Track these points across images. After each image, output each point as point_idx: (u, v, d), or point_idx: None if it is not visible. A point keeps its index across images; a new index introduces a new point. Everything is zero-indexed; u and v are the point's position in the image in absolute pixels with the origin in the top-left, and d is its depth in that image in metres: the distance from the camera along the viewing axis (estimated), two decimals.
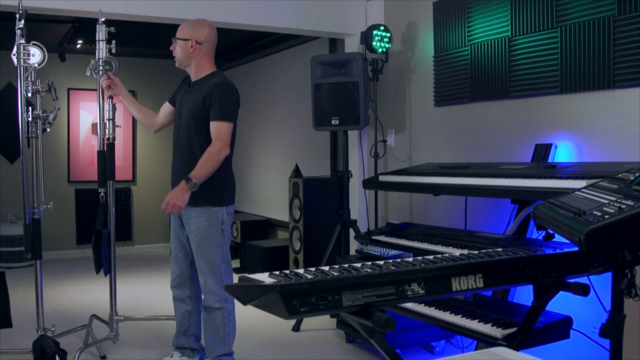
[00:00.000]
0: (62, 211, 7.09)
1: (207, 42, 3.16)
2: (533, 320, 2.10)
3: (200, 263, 3.13)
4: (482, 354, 1.33)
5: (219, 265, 3.11)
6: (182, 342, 3.36)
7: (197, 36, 3.13)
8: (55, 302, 5.00)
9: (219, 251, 3.11)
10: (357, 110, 4.18)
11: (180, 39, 3.15)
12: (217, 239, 3.10)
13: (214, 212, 3.09)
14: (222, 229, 3.12)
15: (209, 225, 3.08)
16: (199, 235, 3.09)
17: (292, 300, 1.49)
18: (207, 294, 3.13)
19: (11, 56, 3.22)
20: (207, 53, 3.19)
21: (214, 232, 3.09)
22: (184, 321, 3.33)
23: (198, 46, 3.13)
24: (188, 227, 3.14)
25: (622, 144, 2.98)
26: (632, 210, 1.63)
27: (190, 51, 3.13)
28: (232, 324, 3.19)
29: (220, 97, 3.03)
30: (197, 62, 3.16)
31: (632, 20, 2.87)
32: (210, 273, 3.11)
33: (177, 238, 3.29)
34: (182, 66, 3.21)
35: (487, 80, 3.75)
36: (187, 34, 3.14)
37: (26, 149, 3.29)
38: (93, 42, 3.50)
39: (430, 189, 3.29)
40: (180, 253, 3.29)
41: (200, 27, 3.15)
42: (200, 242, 3.10)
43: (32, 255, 3.28)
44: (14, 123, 3.46)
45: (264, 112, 6.85)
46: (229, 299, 3.14)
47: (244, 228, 6.43)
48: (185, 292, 3.31)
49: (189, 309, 3.32)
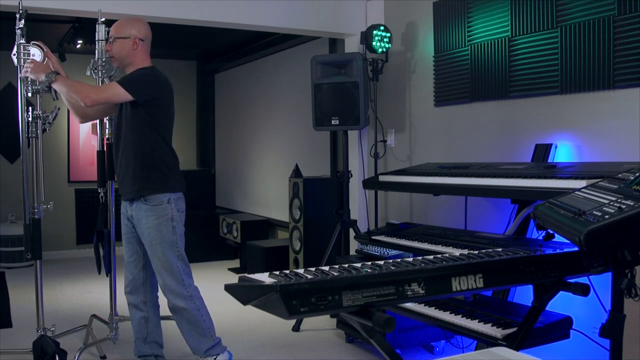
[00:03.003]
0: (62, 211, 7.09)
1: (147, 38, 3.17)
2: (533, 320, 2.11)
3: (155, 264, 3.08)
4: (482, 354, 1.33)
5: (175, 263, 3.05)
6: (144, 350, 3.27)
7: (138, 33, 3.11)
8: (55, 302, 5.00)
9: (172, 249, 3.05)
10: (357, 110, 4.18)
11: (121, 38, 3.10)
12: (168, 237, 3.05)
13: (162, 209, 3.04)
14: (173, 226, 3.06)
15: (158, 224, 3.03)
16: (150, 234, 3.04)
17: (292, 300, 1.49)
18: (169, 294, 3.07)
19: (11, 56, 3.22)
20: (147, 50, 3.19)
21: (164, 230, 3.04)
22: (141, 328, 3.25)
23: (141, 43, 3.12)
24: (139, 228, 3.10)
25: (622, 144, 2.98)
26: (632, 210, 1.63)
27: (133, 48, 3.10)
28: (206, 317, 3.13)
29: (132, 74, 3.07)
30: (137, 59, 3.13)
31: (632, 20, 2.87)
32: (168, 273, 3.05)
33: (128, 242, 3.23)
34: (122, 65, 3.17)
35: (487, 80, 3.75)
36: (127, 32, 3.10)
37: (26, 149, 3.29)
38: (93, 42, 3.50)
39: (430, 189, 3.29)
40: (132, 257, 3.23)
41: (139, 23, 3.15)
42: (152, 241, 3.05)
43: (32, 255, 3.27)
44: (14, 123, 3.46)
45: (264, 112, 6.85)
46: (194, 295, 3.09)
47: (244, 228, 6.42)
48: (139, 297, 3.23)
49: (144, 315, 3.24)
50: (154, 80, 3.10)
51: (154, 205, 3.04)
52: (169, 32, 3.25)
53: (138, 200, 3.09)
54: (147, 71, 3.12)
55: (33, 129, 3.30)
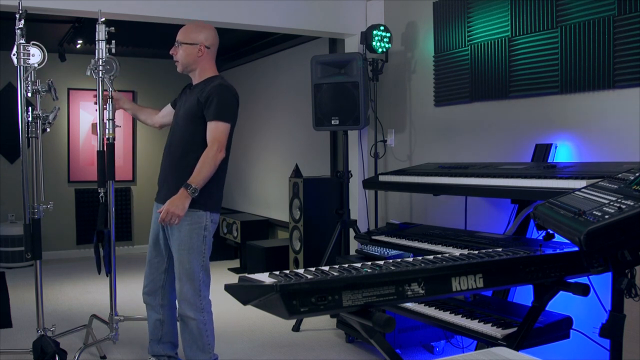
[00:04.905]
0: (62, 211, 7.09)
1: (213, 45, 3.11)
2: (533, 320, 2.11)
3: (178, 269, 3.03)
4: (482, 354, 1.33)
5: (197, 273, 3.01)
6: (158, 350, 3.26)
7: (205, 40, 3.06)
8: (55, 302, 5.00)
9: (198, 258, 3.01)
10: (357, 110, 4.18)
11: (187, 44, 3.06)
12: (198, 245, 3.00)
13: (198, 216, 2.99)
14: (204, 236, 3.01)
15: (190, 230, 2.98)
16: (180, 239, 3.00)
17: (292, 300, 1.49)
18: (183, 301, 3.01)
19: (11, 56, 3.22)
20: (212, 57, 3.14)
21: (195, 238, 2.99)
22: (156, 330, 3.24)
23: (207, 50, 3.07)
24: (170, 230, 3.05)
25: (622, 144, 2.98)
26: (632, 210, 1.63)
27: (198, 56, 3.05)
28: (210, 332, 3.07)
29: (218, 98, 2.95)
30: (202, 66, 3.09)
31: (632, 20, 2.87)
32: (188, 280, 3.00)
33: (155, 243, 3.20)
34: (186, 71, 3.12)
35: (487, 80, 3.75)
36: (194, 39, 3.05)
37: (26, 149, 3.29)
38: (93, 42, 3.49)
39: (430, 189, 3.28)
40: (156, 259, 3.20)
41: (206, 30, 3.09)
42: (180, 246, 3.00)
43: (32, 255, 3.27)
44: (14, 123, 3.46)
45: (264, 112, 6.85)
46: (205, 309, 3.04)
47: (244, 228, 6.42)
48: (157, 300, 3.21)
49: (160, 318, 3.22)
50: (237, 103, 3.06)
51: (190, 211, 2.96)
52: (169, 32, 3.24)
53: None
54: (229, 93, 3.01)
55: (33, 129, 3.30)
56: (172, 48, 3.13)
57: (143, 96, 7.56)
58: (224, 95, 2.98)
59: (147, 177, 7.71)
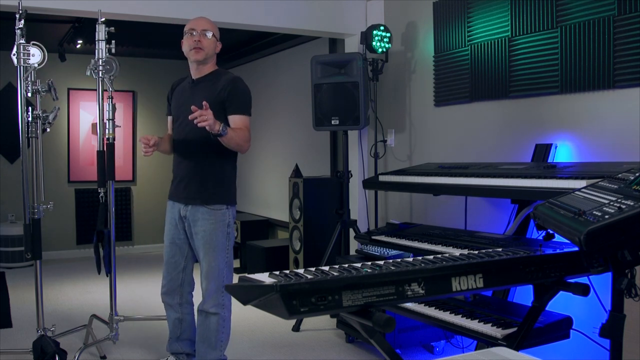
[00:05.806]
0: (62, 211, 7.09)
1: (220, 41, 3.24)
2: (533, 320, 2.10)
3: (203, 266, 3.08)
4: (482, 354, 1.33)
5: (222, 269, 3.07)
6: (176, 347, 3.31)
7: (218, 35, 3.19)
8: (55, 302, 5.00)
9: (223, 255, 3.07)
10: (357, 110, 4.18)
11: (215, 37, 3.15)
12: (222, 242, 3.07)
13: (221, 214, 3.06)
14: (228, 232, 3.09)
15: (214, 228, 3.04)
16: (205, 237, 3.05)
17: (292, 300, 1.49)
18: (207, 297, 3.07)
19: (11, 56, 3.22)
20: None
21: (219, 235, 3.05)
22: (175, 328, 3.28)
23: (219, 45, 3.19)
24: (194, 228, 3.08)
25: (622, 144, 2.98)
26: (632, 210, 1.63)
27: (216, 50, 3.17)
28: (226, 330, 3.13)
29: (241, 91, 3.08)
30: (213, 60, 3.20)
31: (632, 20, 2.87)
32: (213, 277, 3.05)
33: (172, 242, 3.21)
34: (205, 60, 3.11)
35: (487, 80, 3.75)
36: (217, 33, 3.17)
37: (26, 149, 3.29)
38: (93, 42, 3.49)
39: (430, 189, 3.28)
40: (174, 258, 3.22)
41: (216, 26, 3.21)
42: (205, 244, 3.05)
43: (32, 255, 3.27)
44: (14, 123, 3.46)
45: (264, 112, 6.85)
46: (226, 305, 3.09)
47: (244, 228, 6.42)
48: (176, 299, 3.24)
49: (179, 317, 3.26)
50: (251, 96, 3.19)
51: (212, 210, 3.04)
52: (169, 32, 3.25)
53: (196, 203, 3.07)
54: (247, 87, 3.15)
55: (33, 129, 3.30)
56: (197, 35, 3.08)
57: (143, 96, 7.56)
58: (245, 89, 3.13)
59: (147, 177, 7.71)
